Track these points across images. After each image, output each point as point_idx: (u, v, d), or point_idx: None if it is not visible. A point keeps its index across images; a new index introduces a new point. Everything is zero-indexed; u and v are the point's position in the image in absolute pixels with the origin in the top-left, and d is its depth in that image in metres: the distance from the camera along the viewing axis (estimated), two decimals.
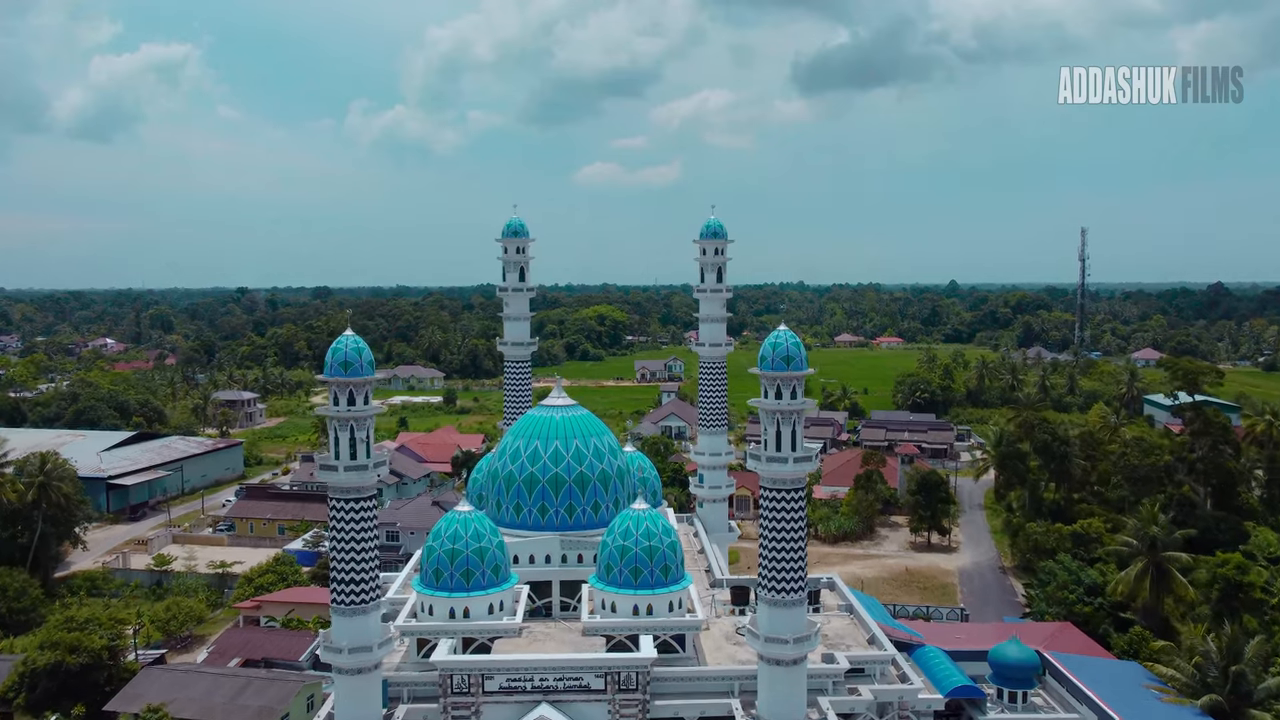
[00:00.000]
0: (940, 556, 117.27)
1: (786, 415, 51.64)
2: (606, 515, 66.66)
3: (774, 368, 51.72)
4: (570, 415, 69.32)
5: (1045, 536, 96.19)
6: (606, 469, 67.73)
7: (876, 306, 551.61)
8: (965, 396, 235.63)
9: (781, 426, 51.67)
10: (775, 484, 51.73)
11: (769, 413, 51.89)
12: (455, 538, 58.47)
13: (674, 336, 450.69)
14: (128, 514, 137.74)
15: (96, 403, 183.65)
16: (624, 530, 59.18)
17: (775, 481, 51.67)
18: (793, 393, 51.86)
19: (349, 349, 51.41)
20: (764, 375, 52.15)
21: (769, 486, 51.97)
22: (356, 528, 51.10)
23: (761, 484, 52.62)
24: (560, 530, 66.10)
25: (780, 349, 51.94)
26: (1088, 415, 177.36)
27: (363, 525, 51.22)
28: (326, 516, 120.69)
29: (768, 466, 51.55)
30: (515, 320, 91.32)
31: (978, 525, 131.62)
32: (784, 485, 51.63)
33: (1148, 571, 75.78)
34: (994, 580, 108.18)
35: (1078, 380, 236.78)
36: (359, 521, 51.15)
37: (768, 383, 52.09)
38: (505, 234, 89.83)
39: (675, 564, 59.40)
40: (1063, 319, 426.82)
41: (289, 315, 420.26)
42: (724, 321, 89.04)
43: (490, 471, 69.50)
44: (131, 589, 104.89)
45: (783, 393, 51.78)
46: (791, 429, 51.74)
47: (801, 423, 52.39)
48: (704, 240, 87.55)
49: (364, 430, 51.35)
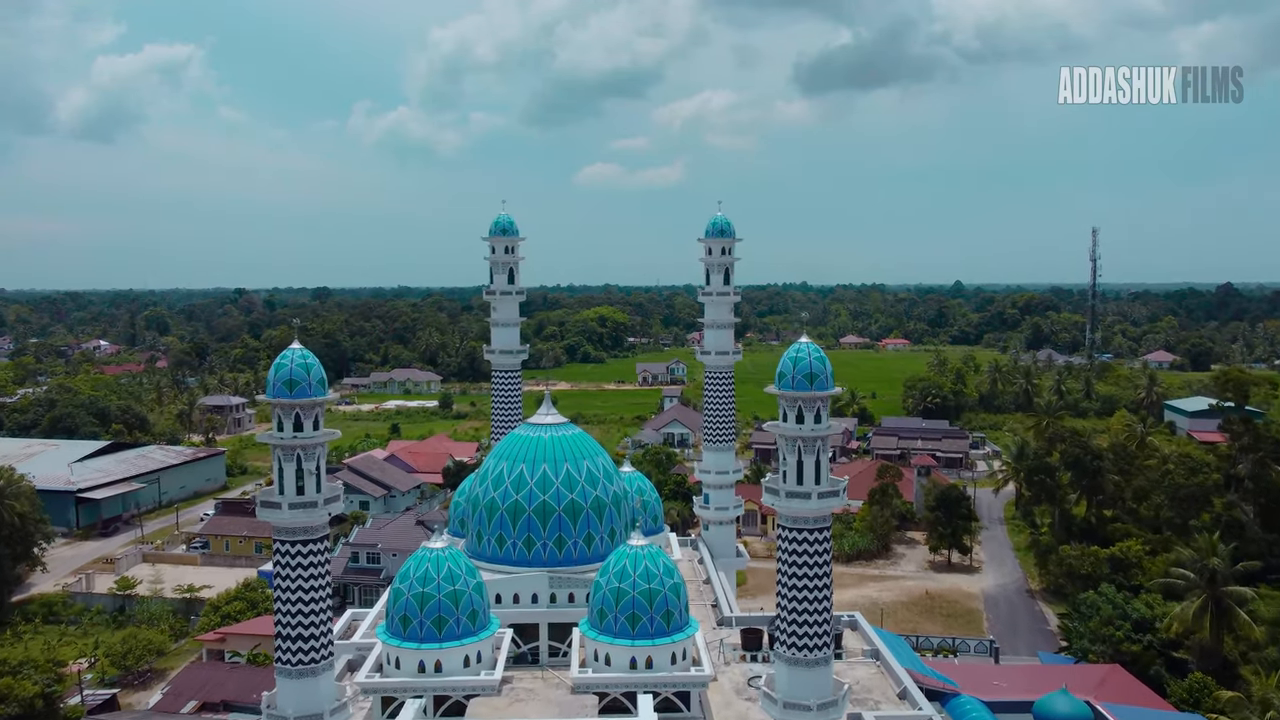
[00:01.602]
0: (962, 578, 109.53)
1: (810, 443, 43.97)
2: (601, 548, 59.07)
3: (795, 387, 44.04)
4: (560, 435, 61.62)
5: (1080, 561, 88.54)
6: (601, 496, 60.02)
7: (881, 307, 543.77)
8: (978, 401, 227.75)
9: (804, 456, 43.99)
10: (796, 523, 44.11)
11: (789, 439, 44.20)
12: (425, 579, 50.74)
13: (676, 338, 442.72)
14: (98, 529, 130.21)
15: (75, 409, 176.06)
16: (619, 570, 51.44)
17: (796, 520, 44.04)
18: (817, 416, 44.19)
19: (295, 365, 43.76)
20: (783, 396, 44.47)
21: (789, 526, 44.34)
22: (305, 574, 43.53)
23: (780, 522, 45.01)
24: (548, 566, 58.45)
25: (802, 365, 44.24)
26: (1109, 422, 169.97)
27: (312, 572, 43.66)
28: None
29: (787, 503, 43.90)
30: (504, 326, 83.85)
31: (999, 542, 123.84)
32: (806, 524, 44.02)
33: (1207, 608, 68.17)
34: (1022, 606, 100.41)
35: (1094, 384, 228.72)
36: (308, 567, 43.58)
37: (787, 404, 44.40)
38: (493, 232, 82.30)
39: (679, 609, 51.63)
40: (1072, 320, 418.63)
41: (286, 317, 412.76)
42: (732, 327, 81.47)
43: (471, 498, 61.91)
44: (92, 615, 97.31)
45: (805, 416, 44.09)
46: (815, 458, 44.06)
47: (827, 450, 44.72)
48: (710, 239, 79.98)
49: (313, 460, 43.75)
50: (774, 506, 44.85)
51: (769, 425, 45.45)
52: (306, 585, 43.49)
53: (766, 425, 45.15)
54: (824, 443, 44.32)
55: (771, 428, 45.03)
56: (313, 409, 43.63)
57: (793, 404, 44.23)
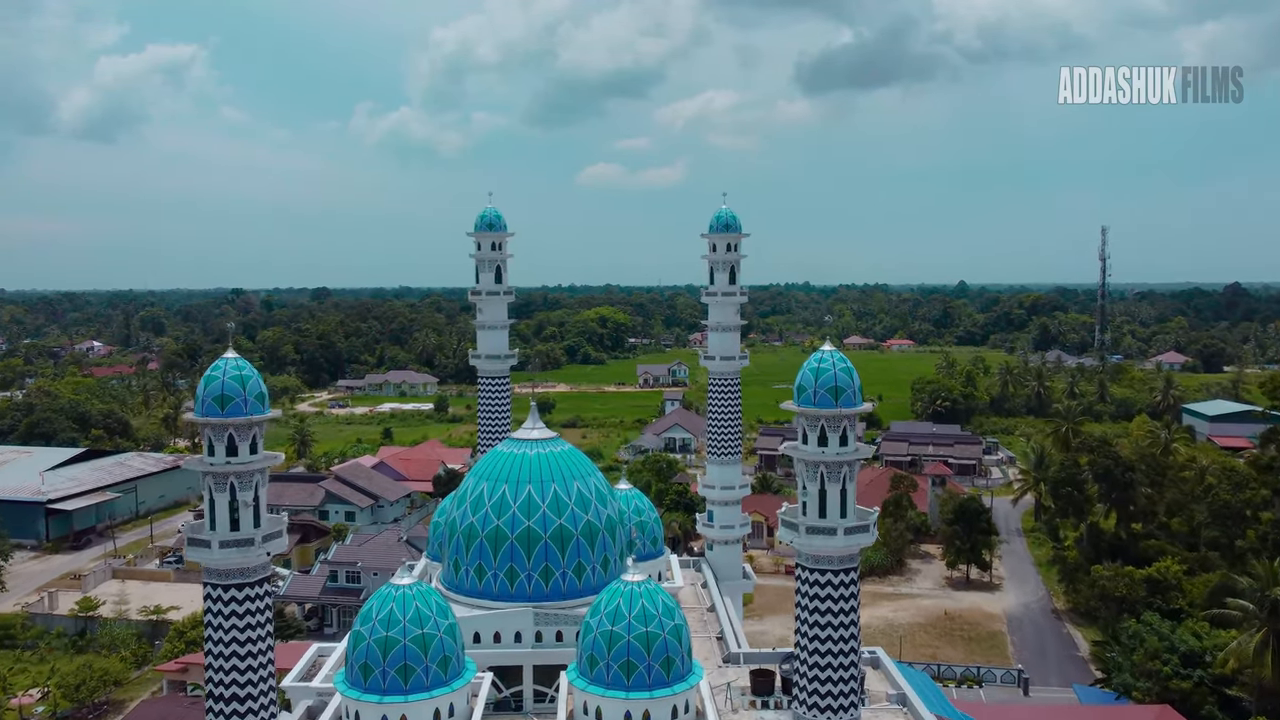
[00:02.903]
0: (982, 596, 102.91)
1: (834, 469, 37.40)
2: (593, 580, 52.64)
3: (817, 403, 37.48)
4: (548, 452, 55.09)
5: (1114, 582, 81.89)
6: (593, 521, 53.48)
7: (885, 308, 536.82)
8: (988, 404, 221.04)
9: (828, 484, 37.43)
10: (818, 563, 37.58)
11: (810, 465, 37.64)
12: (389, 622, 44.07)
13: (678, 339, 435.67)
14: (70, 542, 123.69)
15: (53, 414, 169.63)
16: (612, 611, 44.72)
17: (818, 560, 37.49)
18: (842, 437, 37.63)
19: (228, 377, 37.32)
20: (803, 413, 37.92)
21: (810, 566, 37.81)
22: (240, 625, 37.01)
23: (799, 562, 38.44)
24: (533, 601, 51.98)
25: (826, 377, 37.68)
26: (1130, 428, 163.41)
27: (249, 622, 37.15)
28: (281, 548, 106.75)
29: (808, 540, 37.36)
30: (491, 329, 77.48)
31: (1019, 556, 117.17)
32: (830, 565, 37.43)
33: (1268, 643, 61.61)
34: (1048, 628, 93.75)
35: (1108, 387, 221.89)
36: (244, 616, 37.06)
37: (808, 423, 37.85)
38: (479, 227, 75.87)
39: (680, 655, 44.92)
40: (1080, 321, 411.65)
41: (282, 317, 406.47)
42: (738, 330, 74.88)
43: (448, 522, 55.37)
44: (52, 638, 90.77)
45: (829, 437, 37.54)
46: (840, 487, 37.47)
47: (854, 478, 38.12)
48: (714, 235, 73.50)
49: (250, 490, 37.23)
50: (792, 544, 38.31)
51: (787, 448, 38.85)
52: (243, 638, 36.97)
53: (784, 448, 38.39)
54: (851, 469, 37.79)
55: (791, 451, 38.45)
56: (249, 429, 37.14)
57: (814, 423, 37.69)
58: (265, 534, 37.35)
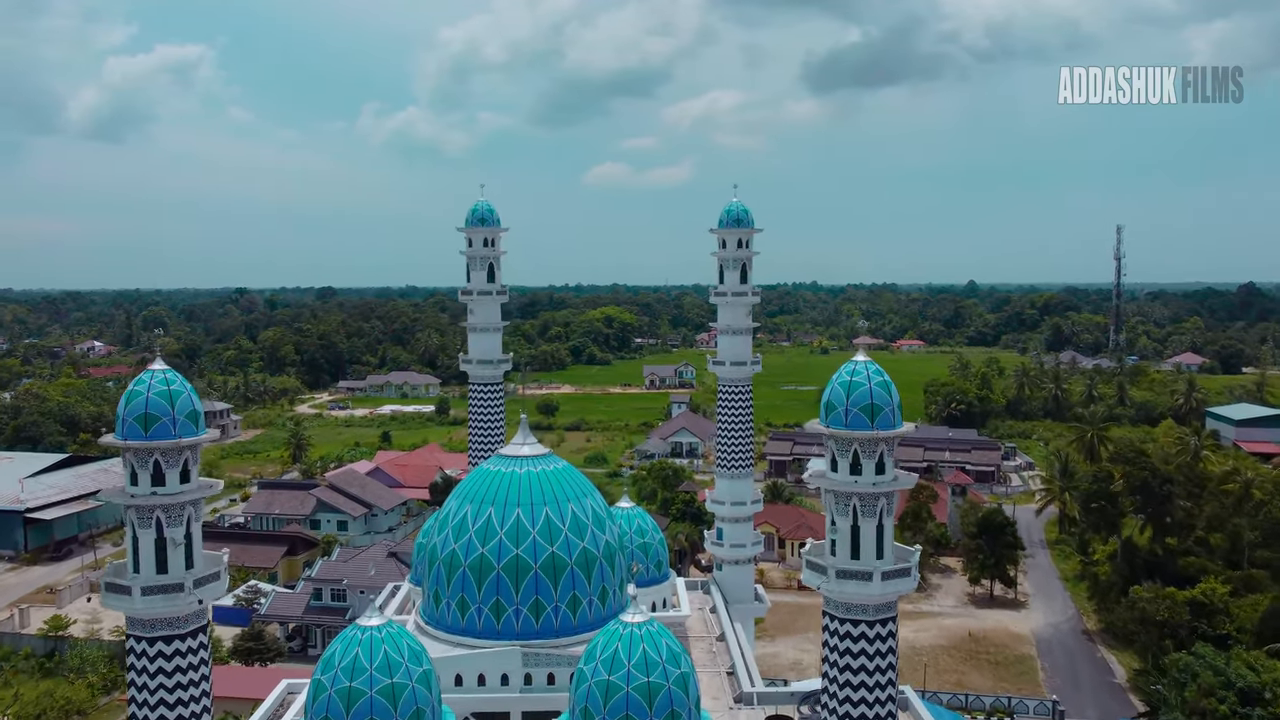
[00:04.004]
0: (1007, 615, 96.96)
1: (869, 502, 31.69)
2: (589, 615, 47.06)
3: (850, 424, 31.77)
4: (540, 470, 49.40)
5: (1154, 605, 75.93)
6: (590, 548, 47.77)
7: (894, 307, 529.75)
8: (1004, 407, 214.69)
9: (861, 519, 31.73)
10: (850, 612, 31.86)
11: (841, 497, 31.92)
12: (354, 670, 38.28)
13: (685, 339, 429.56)
14: (49, 553, 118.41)
15: (41, 417, 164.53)
16: (609, 658, 38.85)
17: (850, 609, 31.76)
18: (879, 464, 31.89)
19: (153, 393, 31.75)
20: (833, 436, 32.20)
21: (840, 616, 32.08)
22: (169, 684, 31.48)
23: (827, 609, 32.74)
24: (522, 639, 46.35)
25: (859, 393, 31.96)
26: (1155, 433, 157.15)
27: (179, 680, 31.66)
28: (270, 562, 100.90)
29: (839, 585, 31.65)
30: (483, 332, 72.44)
31: (1044, 571, 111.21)
32: (864, 615, 31.69)
33: None
34: (1080, 651, 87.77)
35: (1128, 389, 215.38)
36: (172, 675, 31.53)
37: (839, 447, 32.13)
38: (470, 222, 70.67)
39: (688, 708, 39.05)
40: (1093, 321, 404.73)
41: (284, 317, 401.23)
42: (750, 333, 69.33)
43: (429, 549, 49.74)
44: (19, 659, 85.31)
45: (862, 464, 31.79)
46: (877, 522, 31.73)
47: (892, 511, 32.35)
48: (724, 230, 67.93)
49: (180, 525, 31.66)
50: (820, 589, 32.58)
51: (812, 477, 33.21)
52: (172, 700, 31.43)
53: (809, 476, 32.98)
54: (889, 502, 32.07)
55: (818, 481, 32.76)
56: (178, 454, 31.58)
57: (845, 447, 31.96)
58: (199, 577, 31.76)
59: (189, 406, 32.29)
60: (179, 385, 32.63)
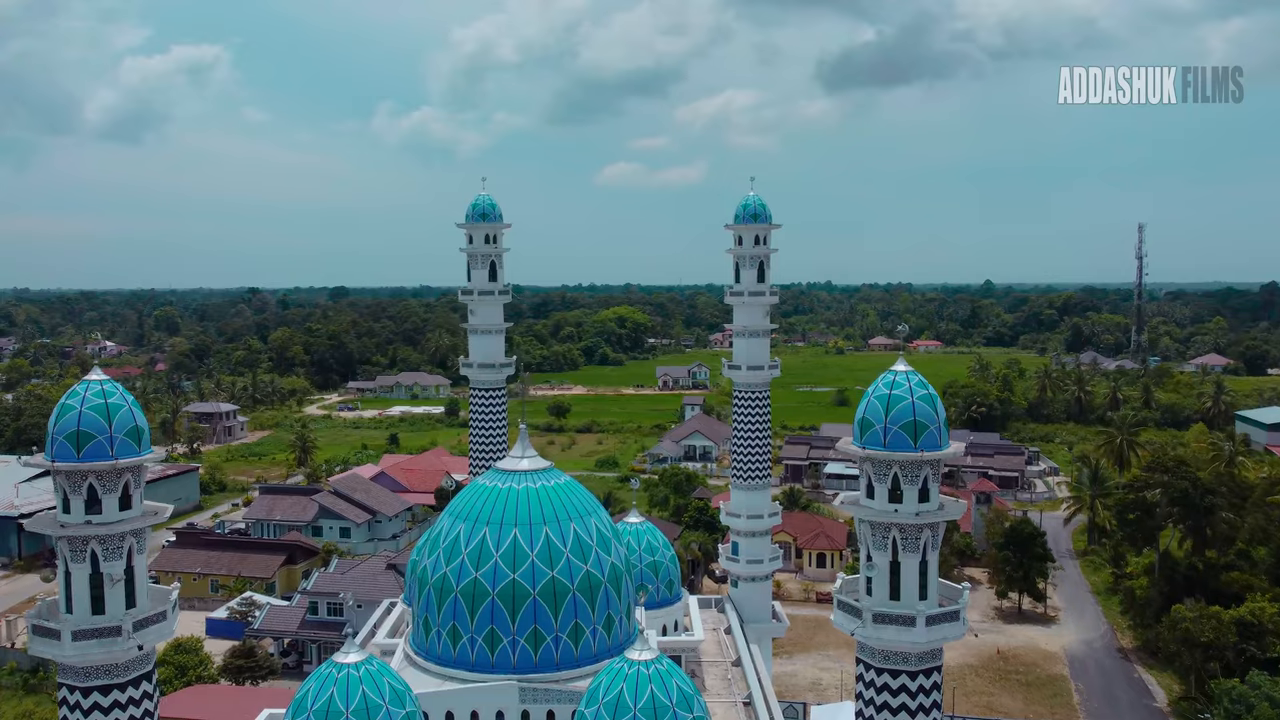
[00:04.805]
0: (1037, 630, 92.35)
1: (912, 534, 27.43)
2: (593, 646, 42.86)
3: (891, 444, 27.49)
4: (539, 486, 45.19)
5: (1199, 625, 71.28)
6: (594, 571, 43.54)
7: (910, 307, 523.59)
8: (1025, 410, 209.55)
9: (902, 553, 27.49)
10: (889, 661, 27.54)
11: (879, 529, 27.67)
12: (329, 714, 34.26)
13: (698, 339, 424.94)
14: (44, 560, 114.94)
15: (43, 419, 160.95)
16: (612, 700, 34.68)
17: (889, 658, 27.44)
18: (923, 490, 27.58)
19: (87, 408, 27.72)
20: (870, 457, 27.93)
21: (878, 666, 27.76)
22: None
23: (860, 656, 28.44)
24: (519, 672, 42.14)
25: (901, 409, 27.67)
26: (1186, 438, 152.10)
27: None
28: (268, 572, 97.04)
29: (876, 631, 27.38)
30: (485, 334, 68.36)
31: (1074, 583, 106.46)
32: (906, 665, 27.40)
33: None
34: (1116, 671, 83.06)
35: (1153, 392, 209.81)
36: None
37: (876, 471, 27.86)
38: (471, 217, 66.54)
39: None
40: (1114, 321, 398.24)
41: (294, 317, 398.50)
42: (768, 335, 65.20)
43: (419, 572, 45.64)
44: (4, 674, 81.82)
45: (904, 490, 27.50)
46: (921, 558, 27.45)
47: (938, 545, 28.07)
48: (741, 225, 63.73)
49: (119, 558, 27.63)
50: (853, 634, 28.26)
51: (844, 503, 28.89)
52: None
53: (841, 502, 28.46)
54: (935, 535, 27.79)
55: (851, 508, 28.49)
56: (116, 477, 27.58)
57: (884, 471, 27.68)
58: (141, 618, 27.72)
59: (130, 422, 28.31)
60: (118, 398, 28.60)
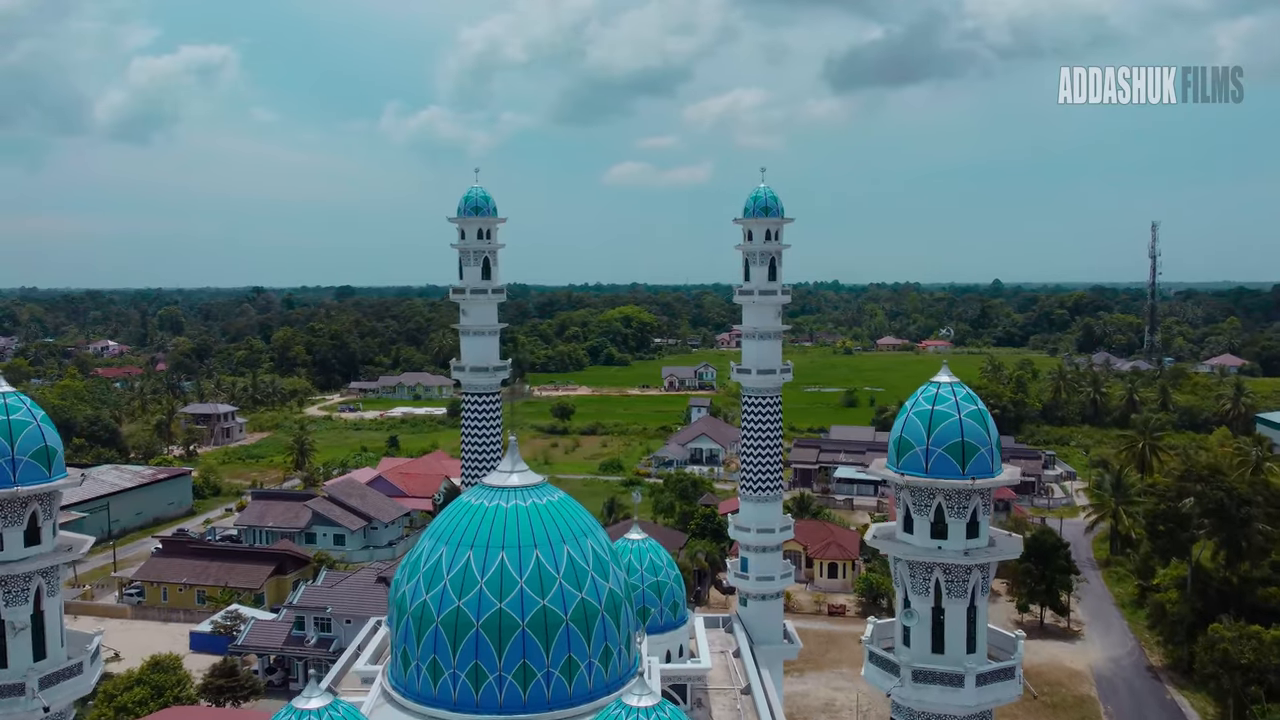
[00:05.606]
0: (1061, 647, 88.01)
1: (958, 576, 23.20)
2: (588, 682, 38.60)
3: (934, 470, 23.29)
4: (530, 504, 40.94)
5: (1239, 646, 66.95)
6: (590, 599, 39.26)
7: (919, 307, 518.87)
8: (1039, 412, 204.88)
9: (947, 599, 23.25)
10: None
11: (919, 569, 23.44)
12: None
13: (705, 339, 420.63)
14: None
15: None
16: None
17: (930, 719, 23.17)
18: (971, 523, 23.30)
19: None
20: (909, 484, 23.68)
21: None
22: None
23: (895, 716, 24.15)
24: (506, 712, 37.89)
25: (947, 427, 23.41)
26: (1209, 442, 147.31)
27: None
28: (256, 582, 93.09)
29: (917, 691, 23.15)
30: (477, 335, 64.39)
31: (1097, 595, 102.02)
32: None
33: None
34: (1147, 692, 78.68)
35: (1170, 394, 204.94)
36: None
37: (915, 500, 23.61)
38: (464, 211, 62.46)
39: None
40: (1125, 321, 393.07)
41: (298, 317, 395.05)
42: (779, 337, 61.29)
43: (397, 599, 41.47)
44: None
45: (949, 523, 23.25)
46: (969, 603, 23.20)
47: (988, 589, 23.80)
48: (750, 219, 59.66)
49: (24, 602, 23.57)
50: (889, 693, 24.00)
51: (876, 539, 24.58)
52: None
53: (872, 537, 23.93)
54: (985, 576, 23.49)
55: (885, 544, 24.22)
56: (19, 508, 23.46)
57: (925, 500, 23.44)
58: (50, 673, 23.65)
59: (37, 442, 24.30)
60: (24, 414, 24.54)
